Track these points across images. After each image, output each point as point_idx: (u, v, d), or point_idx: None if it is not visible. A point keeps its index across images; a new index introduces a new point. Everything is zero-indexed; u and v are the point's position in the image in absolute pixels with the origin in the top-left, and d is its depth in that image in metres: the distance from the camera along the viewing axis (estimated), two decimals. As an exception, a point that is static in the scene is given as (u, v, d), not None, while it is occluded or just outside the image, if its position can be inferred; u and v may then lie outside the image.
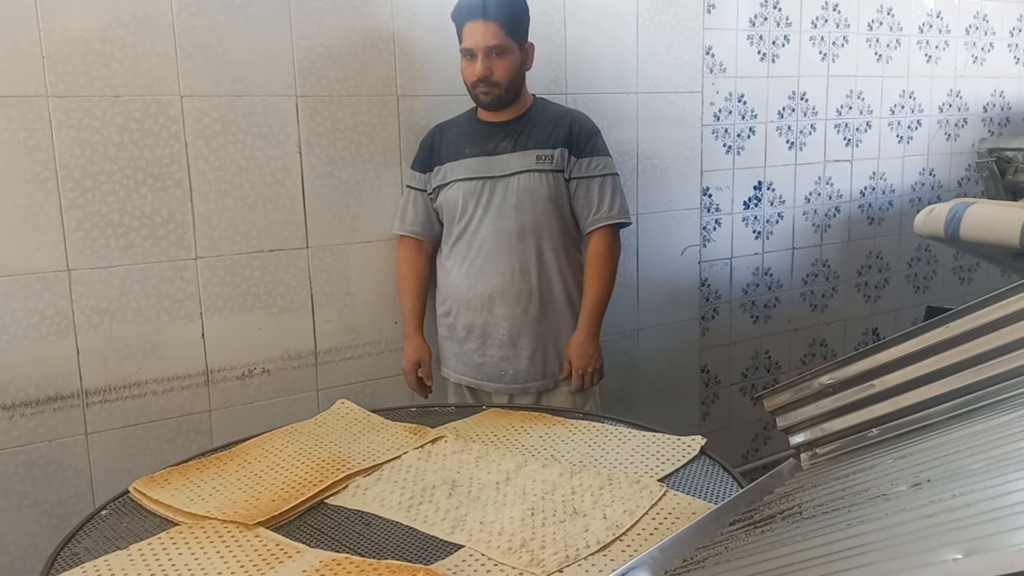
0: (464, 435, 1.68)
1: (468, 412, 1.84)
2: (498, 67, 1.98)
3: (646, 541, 1.26)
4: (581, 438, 1.66)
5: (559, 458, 1.57)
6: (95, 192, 1.90)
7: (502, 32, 1.96)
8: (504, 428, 1.73)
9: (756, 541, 0.99)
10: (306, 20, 2.08)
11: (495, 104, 2.03)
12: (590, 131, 2.10)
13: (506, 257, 2.05)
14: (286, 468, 1.51)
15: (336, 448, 1.59)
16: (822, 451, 1.32)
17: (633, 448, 1.60)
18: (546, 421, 1.76)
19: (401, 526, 1.33)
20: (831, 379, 1.31)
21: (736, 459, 3.12)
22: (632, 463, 1.54)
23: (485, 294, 2.07)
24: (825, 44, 3.07)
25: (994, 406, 1.08)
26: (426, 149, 2.16)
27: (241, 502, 1.38)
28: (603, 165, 2.09)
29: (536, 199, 2.04)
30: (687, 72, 2.73)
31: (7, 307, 1.85)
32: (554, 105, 2.17)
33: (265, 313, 2.14)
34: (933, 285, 3.60)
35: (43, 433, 1.92)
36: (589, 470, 1.49)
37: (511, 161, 2.05)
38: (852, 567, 0.72)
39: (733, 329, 3.03)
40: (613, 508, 1.35)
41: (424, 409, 1.90)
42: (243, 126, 2.04)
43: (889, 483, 0.95)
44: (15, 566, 1.93)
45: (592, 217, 2.09)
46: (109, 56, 1.88)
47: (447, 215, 2.13)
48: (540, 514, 1.33)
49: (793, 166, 3.08)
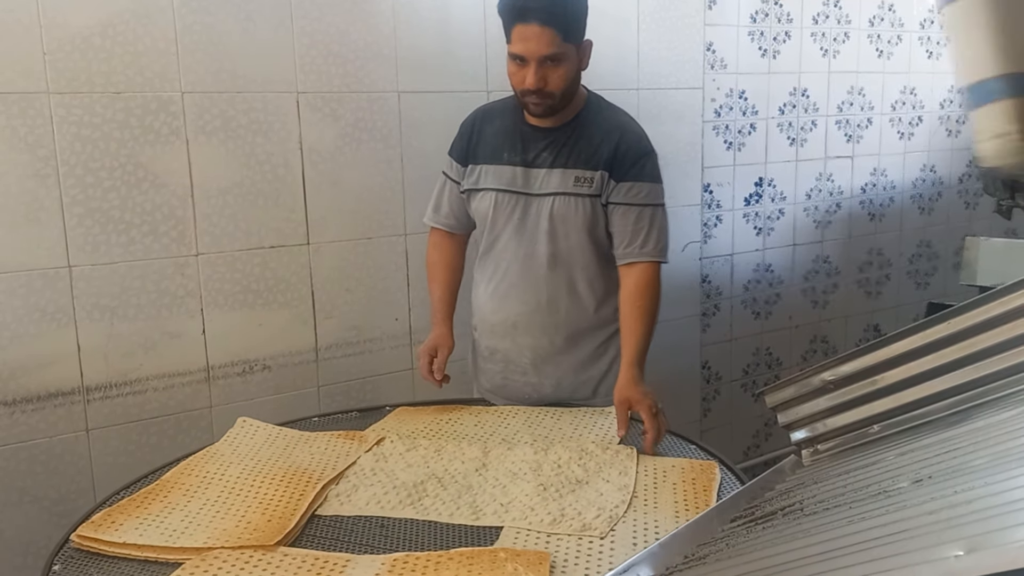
0: (401, 433, 1.69)
1: (376, 416, 1.82)
2: (553, 76, 1.73)
3: (657, 494, 1.42)
4: (516, 421, 1.77)
5: (513, 440, 1.66)
6: (96, 188, 1.90)
7: (559, 38, 1.69)
8: (435, 421, 1.77)
9: (757, 537, 0.99)
10: (307, 16, 2.08)
11: (546, 114, 1.80)
12: (638, 153, 1.84)
13: (533, 287, 1.88)
14: (248, 488, 1.42)
15: (284, 462, 1.53)
16: (823, 447, 1.32)
17: (571, 422, 1.73)
18: (471, 410, 1.84)
19: (418, 521, 1.35)
20: (832, 375, 1.31)
21: (737, 456, 3.12)
22: (580, 434, 1.67)
23: (508, 321, 1.92)
24: (826, 40, 3.06)
25: (995, 402, 1.08)
26: (465, 138, 1.95)
27: (232, 527, 1.30)
28: (646, 193, 1.83)
29: (570, 227, 1.84)
30: (688, 68, 2.72)
31: (8, 303, 1.85)
32: (608, 111, 1.90)
33: (266, 309, 2.14)
34: (934, 281, 3.60)
35: (44, 429, 1.92)
36: (556, 445, 1.58)
37: (549, 179, 1.84)
38: (853, 563, 0.72)
39: (734, 325, 3.03)
40: (607, 472, 1.47)
41: (326, 417, 1.84)
42: (244, 122, 2.04)
43: (890, 479, 0.95)
44: (16, 562, 1.93)
45: (625, 249, 1.84)
46: (110, 52, 1.87)
47: (479, 222, 1.96)
48: (551, 488, 1.41)
49: (794, 162, 3.07)
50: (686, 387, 2.95)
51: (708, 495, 1.41)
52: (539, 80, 1.72)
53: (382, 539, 1.30)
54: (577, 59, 1.78)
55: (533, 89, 1.73)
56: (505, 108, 1.93)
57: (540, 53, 1.70)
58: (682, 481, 1.46)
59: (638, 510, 1.37)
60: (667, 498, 1.41)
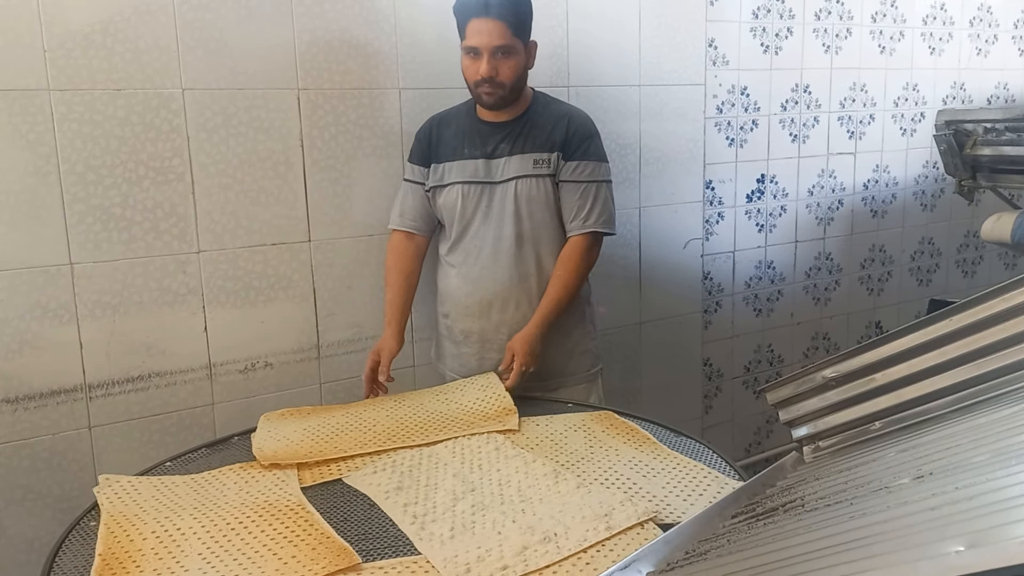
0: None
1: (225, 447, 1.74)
2: (504, 67, 1.92)
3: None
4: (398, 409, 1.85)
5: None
6: (97, 186, 1.90)
7: (509, 32, 1.90)
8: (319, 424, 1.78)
9: (759, 534, 0.99)
10: (308, 13, 2.08)
11: (498, 104, 1.98)
12: (585, 134, 2.04)
13: (504, 265, 2.03)
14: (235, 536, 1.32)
15: (233, 503, 1.42)
16: (825, 444, 1.32)
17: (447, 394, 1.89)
18: (339, 409, 1.87)
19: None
20: (834, 372, 1.31)
21: (739, 452, 3.12)
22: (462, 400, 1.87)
23: (484, 301, 2.05)
24: (828, 36, 3.06)
25: (997, 399, 1.08)
26: (423, 143, 2.11)
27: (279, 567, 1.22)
28: (591, 170, 2.03)
29: (534, 206, 2.01)
30: (690, 65, 2.72)
31: (10, 301, 1.85)
32: (554, 103, 2.10)
33: (268, 307, 2.14)
34: (936, 278, 3.59)
35: (47, 427, 1.93)
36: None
37: (509, 166, 2.01)
38: (855, 559, 0.72)
39: (736, 322, 3.03)
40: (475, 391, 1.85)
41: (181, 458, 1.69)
42: (245, 119, 2.04)
43: (892, 476, 0.95)
44: (19, 559, 1.93)
45: (571, 223, 2.03)
46: (111, 49, 1.87)
47: (446, 216, 2.09)
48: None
49: (796, 159, 3.07)
50: (688, 384, 2.95)
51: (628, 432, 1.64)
52: (491, 69, 1.91)
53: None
54: (525, 56, 1.97)
55: (486, 78, 1.92)
56: (459, 112, 2.11)
57: (493, 44, 1.89)
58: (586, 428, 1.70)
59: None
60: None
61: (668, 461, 1.53)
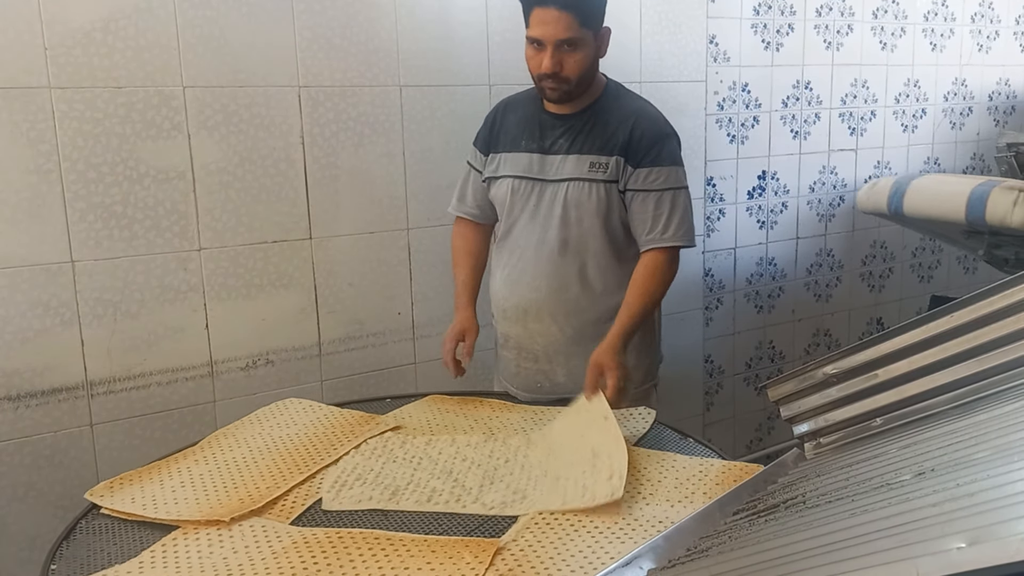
0: (419, 422, 1.74)
1: (405, 401, 1.86)
2: (569, 61, 1.76)
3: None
4: (525, 416, 1.78)
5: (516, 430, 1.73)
6: (98, 184, 1.90)
7: (576, 23, 1.73)
8: (454, 414, 1.78)
9: (760, 530, 0.99)
10: (308, 10, 2.08)
11: (563, 99, 1.83)
12: (655, 136, 1.85)
13: (544, 272, 1.88)
14: (255, 461, 1.55)
15: (297, 439, 1.64)
16: (826, 441, 1.32)
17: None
18: (492, 405, 1.84)
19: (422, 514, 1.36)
20: (835, 369, 1.31)
21: (740, 449, 3.12)
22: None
23: (520, 308, 1.92)
24: (830, 33, 3.05)
25: (998, 396, 1.08)
26: (488, 128, 1.99)
27: (227, 501, 1.39)
28: (665, 177, 1.83)
29: (583, 212, 1.84)
30: (691, 61, 2.72)
31: (11, 299, 1.85)
32: (626, 97, 1.93)
33: (269, 304, 2.14)
34: (938, 275, 3.59)
35: (48, 424, 1.93)
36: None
37: (564, 165, 1.86)
38: (856, 556, 0.72)
39: (737, 319, 3.03)
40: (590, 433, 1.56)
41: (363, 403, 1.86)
42: (246, 117, 2.04)
43: (893, 472, 0.95)
44: (21, 556, 1.94)
45: (646, 236, 1.84)
46: (111, 47, 1.87)
47: (498, 209, 1.98)
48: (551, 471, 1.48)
49: (797, 155, 3.07)
50: (689, 381, 2.95)
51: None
52: (555, 64, 1.75)
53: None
54: (595, 46, 1.81)
55: (549, 73, 1.76)
56: (527, 98, 1.96)
57: (557, 37, 1.72)
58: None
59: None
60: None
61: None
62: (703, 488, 1.40)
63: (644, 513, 1.32)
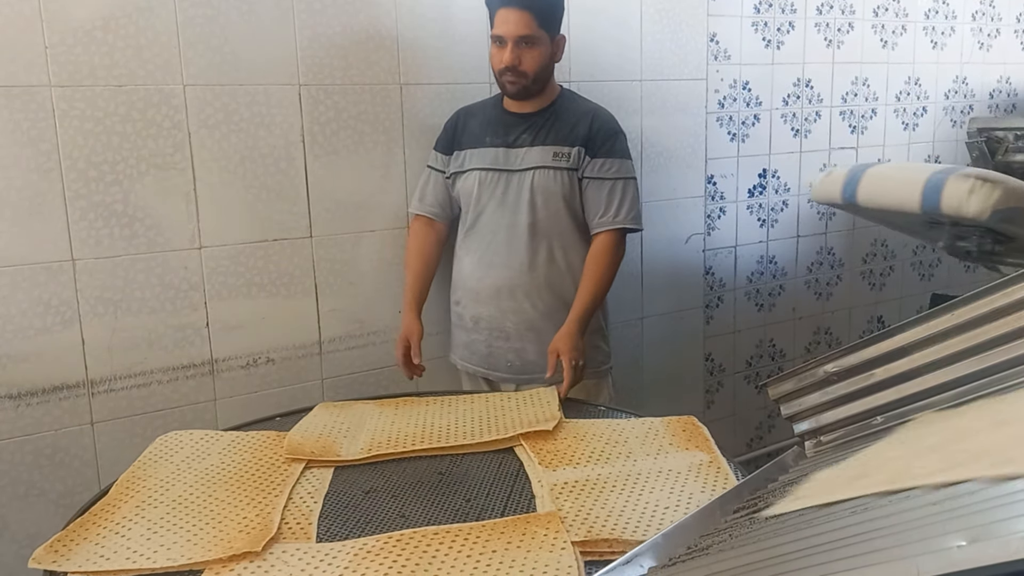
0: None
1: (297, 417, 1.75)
2: (527, 57, 1.96)
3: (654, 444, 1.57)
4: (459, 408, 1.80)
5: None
6: (99, 182, 1.90)
7: (535, 22, 1.94)
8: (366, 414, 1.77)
9: (760, 528, 0.99)
10: (309, 9, 2.08)
11: (521, 94, 2.02)
12: (609, 132, 2.06)
13: (516, 252, 2.05)
14: (202, 500, 1.37)
15: (227, 470, 1.49)
16: (826, 439, 1.32)
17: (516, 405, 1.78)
18: (401, 402, 1.85)
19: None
20: (835, 367, 1.31)
21: (740, 447, 3.13)
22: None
23: (493, 287, 2.08)
24: (830, 31, 3.05)
25: (999, 394, 1.07)
26: (450, 131, 2.16)
27: (235, 534, 1.24)
28: (617, 168, 2.05)
29: (549, 196, 2.03)
30: (691, 59, 2.72)
31: (12, 297, 1.85)
32: (581, 100, 2.13)
33: (269, 302, 2.14)
34: (938, 273, 3.59)
35: (49, 423, 1.93)
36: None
37: (529, 156, 2.04)
38: (856, 554, 0.72)
39: (737, 317, 3.03)
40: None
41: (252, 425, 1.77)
42: (246, 115, 2.04)
43: (893, 471, 0.95)
44: (23, 554, 1.93)
45: (597, 220, 2.05)
46: (112, 46, 1.87)
47: (463, 202, 2.13)
48: None
49: (798, 153, 3.06)
50: (689, 379, 2.95)
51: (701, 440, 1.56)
52: (514, 58, 1.95)
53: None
54: (551, 49, 2.01)
55: (509, 66, 1.96)
56: (486, 104, 2.17)
57: (517, 34, 1.93)
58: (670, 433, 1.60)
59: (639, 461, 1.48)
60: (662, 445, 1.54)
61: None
62: (668, 440, 1.55)
63: (640, 467, 1.45)
